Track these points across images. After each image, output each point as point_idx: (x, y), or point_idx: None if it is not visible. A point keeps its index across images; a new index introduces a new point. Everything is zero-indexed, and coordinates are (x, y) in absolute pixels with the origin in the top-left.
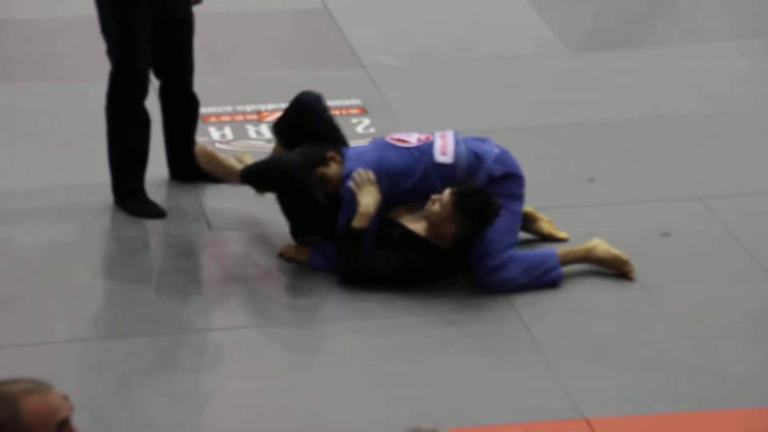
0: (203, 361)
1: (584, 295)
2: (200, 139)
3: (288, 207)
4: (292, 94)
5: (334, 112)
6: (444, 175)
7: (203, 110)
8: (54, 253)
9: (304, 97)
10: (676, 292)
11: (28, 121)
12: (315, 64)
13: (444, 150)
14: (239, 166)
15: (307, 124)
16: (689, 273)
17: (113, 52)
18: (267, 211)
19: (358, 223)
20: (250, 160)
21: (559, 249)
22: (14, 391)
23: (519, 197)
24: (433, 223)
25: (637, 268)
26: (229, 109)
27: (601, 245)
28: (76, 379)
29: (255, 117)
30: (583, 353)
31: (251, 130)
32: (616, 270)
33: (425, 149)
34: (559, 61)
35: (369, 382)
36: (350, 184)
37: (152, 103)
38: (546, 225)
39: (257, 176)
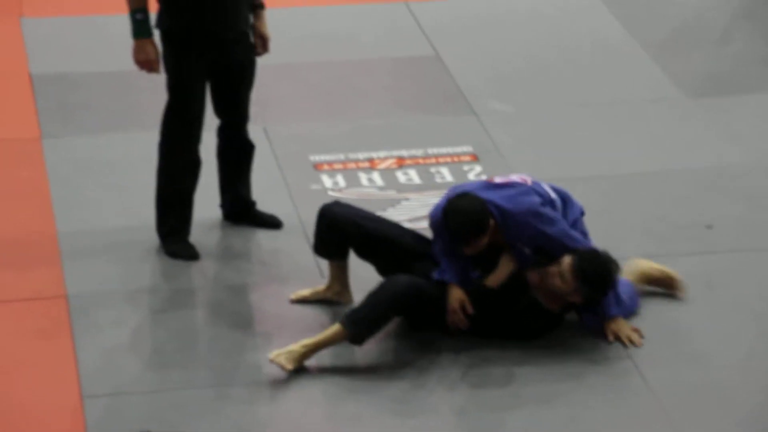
0: (314, 407)
1: (702, 343)
2: (313, 187)
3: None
4: (404, 142)
5: (446, 159)
6: None
7: (316, 158)
8: (172, 299)
9: (327, 215)
10: None
11: (146, 169)
12: (427, 111)
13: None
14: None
15: (346, 234)
16: None
17: (168, 92)
18: None
19: (491, 282)
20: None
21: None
22: None
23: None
24: (560, 296)
25: (759, 316)
26: (342, 156)
27: (644, 263)
28: (190, 426)
29: (367, 164)
30: (703, 404)
31: (363, 178)
32: (667, 288)
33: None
34: (675, 107)
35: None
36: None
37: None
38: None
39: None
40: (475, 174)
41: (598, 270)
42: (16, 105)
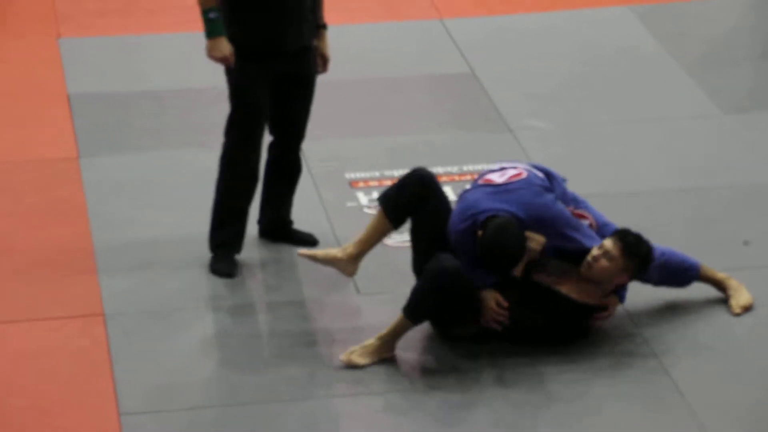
0: (351, 427)
1: (742, 360)
2: (349, 204)
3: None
4: (439, 159)
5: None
6: None
7: (351, 175)
8: (209, 316)
9: (425, 175)
10: None
11: (182, 187)
12: (463, 128)
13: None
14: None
15: (425, 202)
16: None
17: (231, 102)
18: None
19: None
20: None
21: (704, 265)
22: None
23: None
24: (605, 279)
25: None
26: (377, 174)
27: (741, 288)
28: None
29: None
30: (741, 421)
31: None
32: (734, 304)
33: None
34: (711, 123)
35: None
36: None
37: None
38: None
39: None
40: None
41: (640, 240)
42: (54, 125)
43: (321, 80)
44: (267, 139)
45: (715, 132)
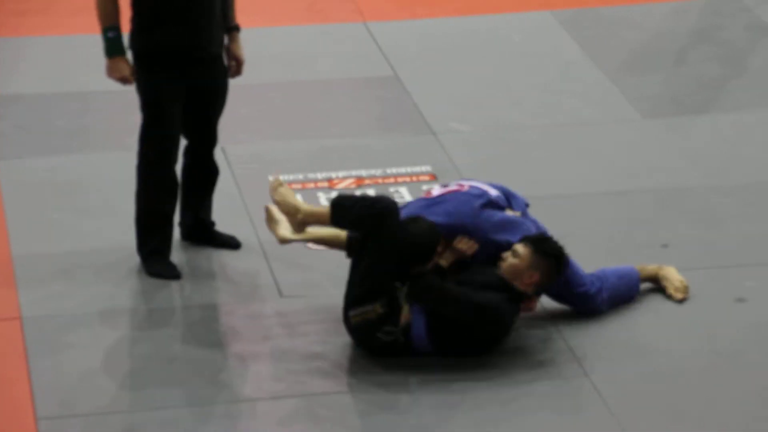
0: (294, 424)
1: (660, 361)
2: (272, 207)
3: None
4: (363, 162)
5: (405, 179)
6: None
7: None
8: (126, 320)
9: (388, 209)
10: (752, 358)
11: (105, 190)
12: (386, 130)
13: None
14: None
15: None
16: (765, 339)
17: (143, 112)
18: (338, 278)
19: (444, 261)
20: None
21: (637, 266)
22: None
23: None
24: (514, 276)
25: (712, 334)
26: (301, 176)
27: (672, 271)
28: None
29: (326, 184)
30: (660, 421)
31: (322, 198)
32: (674, 292)
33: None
34: (631, 127)
35: None
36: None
37: None
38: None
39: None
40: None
41: (553, 244)
42: None
43: (244, 83)
44: (182, 142)
45: (636, 136)
